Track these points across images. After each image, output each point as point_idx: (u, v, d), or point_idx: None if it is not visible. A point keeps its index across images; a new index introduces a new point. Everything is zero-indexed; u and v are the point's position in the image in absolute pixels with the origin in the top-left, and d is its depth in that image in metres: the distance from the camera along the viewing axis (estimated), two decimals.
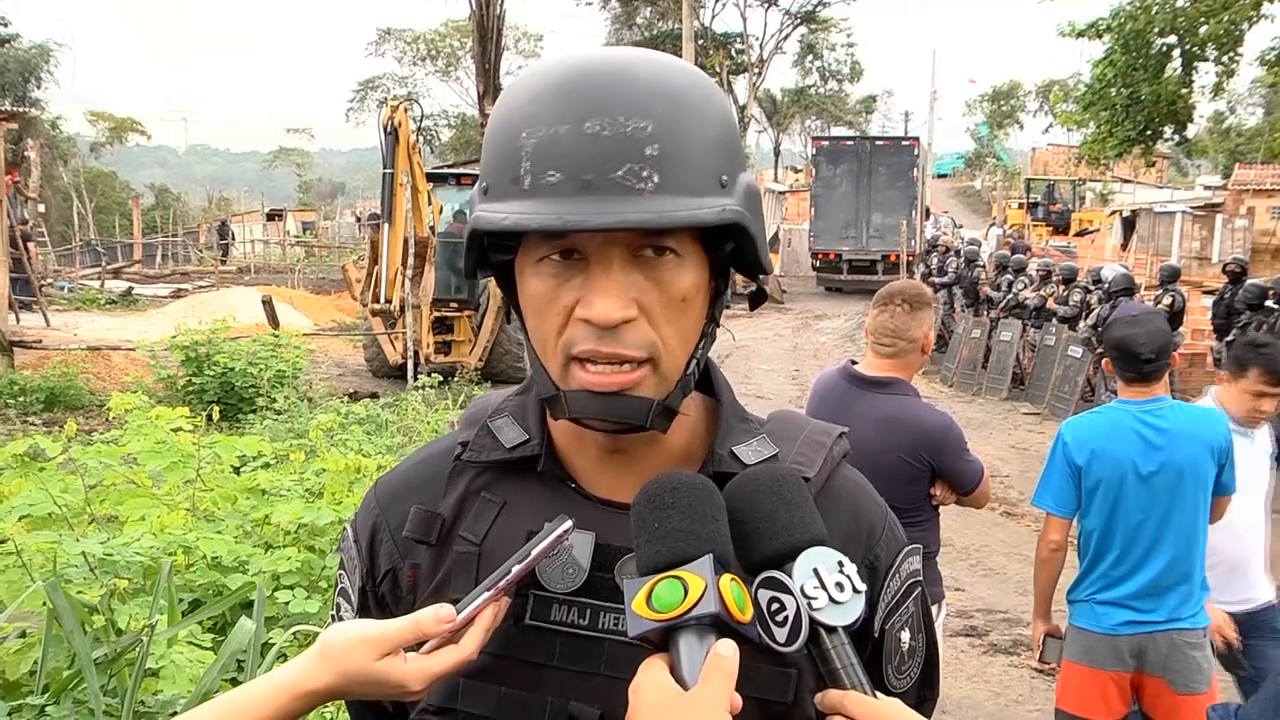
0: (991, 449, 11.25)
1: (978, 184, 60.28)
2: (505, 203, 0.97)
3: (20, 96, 38.03)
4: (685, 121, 0.98)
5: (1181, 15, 16.12)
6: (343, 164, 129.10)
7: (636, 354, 0.99)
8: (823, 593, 0.94)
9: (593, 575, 1.06)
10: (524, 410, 1.16)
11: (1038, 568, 3.67)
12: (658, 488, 0.95)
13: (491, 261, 1.07)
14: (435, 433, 8.64)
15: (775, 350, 18.93)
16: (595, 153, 0.94)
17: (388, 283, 13.11)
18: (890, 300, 3.58)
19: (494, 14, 25.69)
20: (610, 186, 0.94)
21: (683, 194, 0.96)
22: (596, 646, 1.05)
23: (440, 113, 55.44)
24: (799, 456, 1.12)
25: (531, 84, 1.01)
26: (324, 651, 0.99)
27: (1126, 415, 3.45)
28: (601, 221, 0.93)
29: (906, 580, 1.16)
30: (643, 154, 0.95)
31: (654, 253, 0.99)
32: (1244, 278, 12.24)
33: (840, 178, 25.73)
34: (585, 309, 0.98)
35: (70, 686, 2.58)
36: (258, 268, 33.00)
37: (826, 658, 0.96)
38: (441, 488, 1.14)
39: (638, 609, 0.90)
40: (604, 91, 0.96)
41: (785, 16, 48.36)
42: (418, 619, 0.98)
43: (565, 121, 0.95)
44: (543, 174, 0.95)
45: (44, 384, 11.79)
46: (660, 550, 0.92)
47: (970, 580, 7.33)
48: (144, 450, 3.90)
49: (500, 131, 1.00)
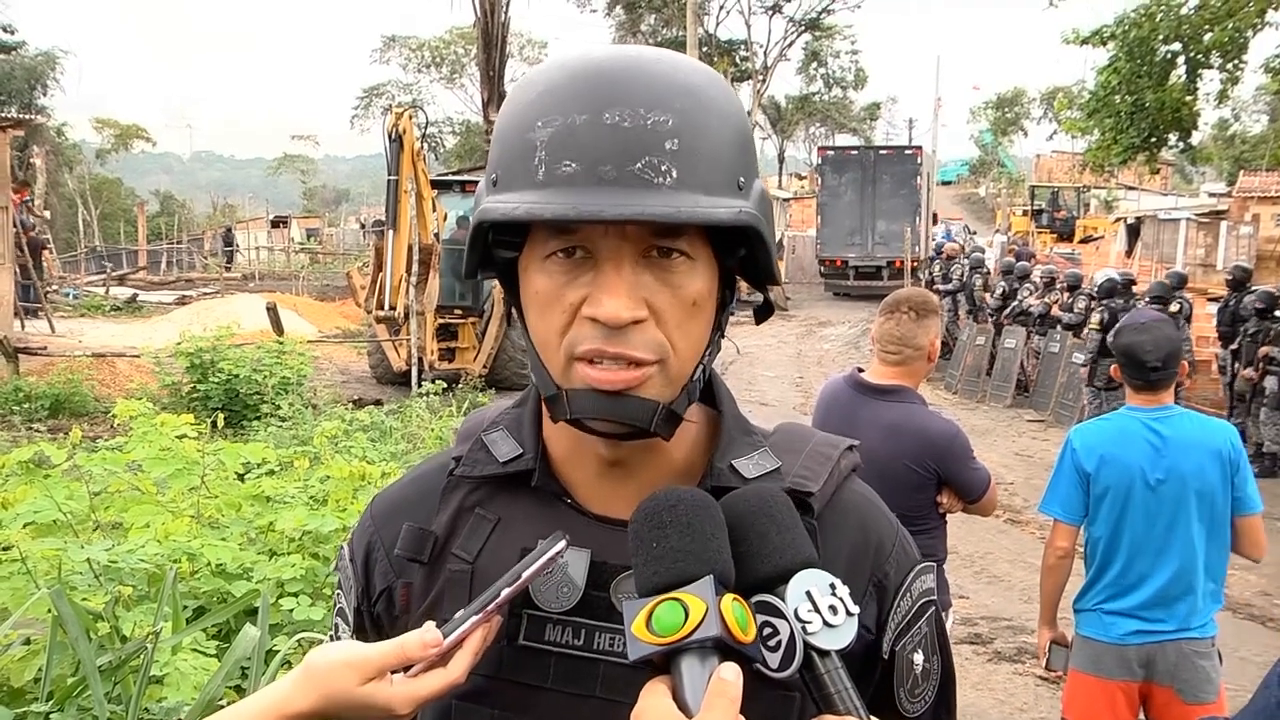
0: (996, 456, 11.23)
1: (982, 191, 60.26)
2: (516, 193, 0.94)
3: (26, 104, 38.13)
4: (705, 118, 0.95)
5: (1186, 22, 16.10)
6: (347, 171, 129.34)
7: (644, 355, 0.96)
8: (816, 616, 0.91)
9: (588, 594, 1.03)
10: (519, 424, 1.12)
11: (1044, 575, 3.66)
12: (655, 505, 0.92)
13: (495, 260, 1.03)
14: (439, 439, 8.65)
15: (779, 357, 18.92)
16: (614, 143, 0.91)
17: (392, 289, 13.14)
18: (896, 308, 3.57)
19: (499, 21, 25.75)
20: (628, 179, 0.91)
21: (700, 191, 0.93)
22: (592, 668, 1.02)
23: (445, 120, 55.58)
24: (803, 470, 1.08)
25: (546, 76, 0.98)
26: (307, 674, 0.97)
27: (1135, 422, 3.43)
28: (619, 213, 0.90)
29: (919, 600, 1.11)
30: (662, 147, 0.92)
31: (663, 254, 0.96)
32: (1246, 285, 12.19)
33: (846, 186, 26.11)
34: (593, 307, 0.95)
35: (75, 693, 2.58)
36: (262, 274, 33.05)
37: (820, 683, 0.93)
38: (435, 504, 1.11)
39: (637, 632, 0.87)
40: (624, 83, 0.94)
41: (789, 24, 48.34)
42: (403, 643, 0.96)
43: (584, 111, 0.92)
44: (558, 164, 0.92)
45: (49, 391, 11.82)
46: (659, 571, 0.89)
47: (975, 588, 7.31)
48: (148, 457, 3.90)
49: (512, 122, 0.97)
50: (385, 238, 13.25)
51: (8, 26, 38.71)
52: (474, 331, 14.81)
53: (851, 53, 55.73)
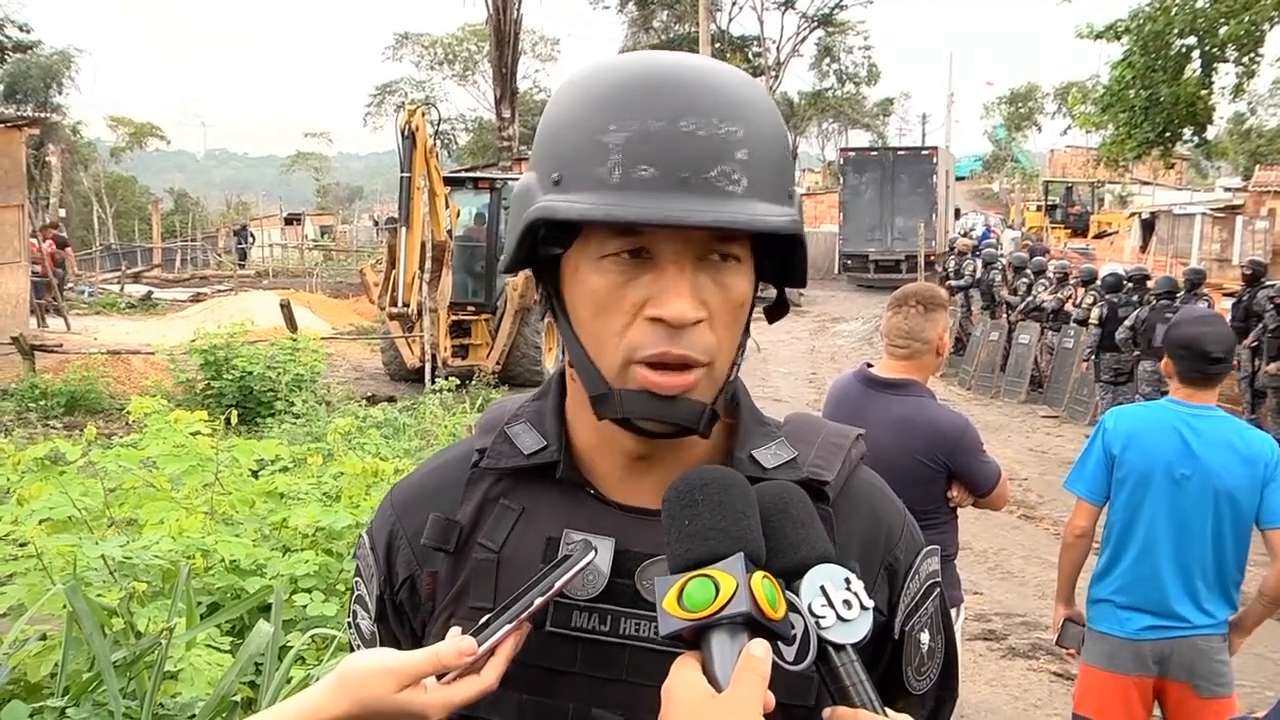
0: (1010, 452, 11.20)
1: (996, 186, 60.04)
2: (587, 194, 0.96)
3: (42, 102, 38.35)
4: (767, 130, 1.00)
5: (1201, 16, 16.01)
6: (360, 168, 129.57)
7: (701, 357, 0.99)
8: (830, 611, 0.93)
9: (613, 581, 1.05)
10: (541, 416, 1.14)
11: (1062, 551, 3.66)
12: (687, 484, 0.94)
13: (540, 256, 1.04)
14: (453, 436, 8.66)
15: (793, 353, 18.89)
16: (691, 151, 0.95)
17: (405, 286, 13.16)
18: (904, 302, 3.57)
19: (511, 18, 25.80)
20: (704, 185, 0.95)
21: (764, 200, 0.98)
22: (619, 653, 1.04)
23: (458, 117, 55.58)
24: (817, 459, 1.12)
25: (608, 79, 1.00)
26: (343, 681, 0.97)
27: (1173, 414, 3.39)
28: (700, 220, 0.93)
29: (926, 581, 1.16)
30: (734, 156, 0.96)
31: (720, 257, 1.00)
32: (1262, 280, 12.10)
33: (866, 185, 27.29)
34: (658, 308, 0.97)
35: (90, 689, 2.59)
36: (276, 272, 33.15)
37: (835, 676, 0.95)
38: (459, 494, 1.13)
39: (668, 607, 0.89)
40: (698, 93, 0.97)
41: (802, 19, 48.25)
42: (438, 650, 0.97)
43: (659, 118, 0.95)
44: (634, 168, 0.95)
45: (64, 388, 11.88)
46: (691, 548, 0.91)
47: (989, 584, 7.30)
48: (163, 454, 3.91)
49: (578, 122, 0.99)
50: (398, 234, 13.27)
51: (24, 25, 38.96)
52: (487, 328, 14.81)
53: (864, 48, 55.59)
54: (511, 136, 30.89)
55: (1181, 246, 27.00)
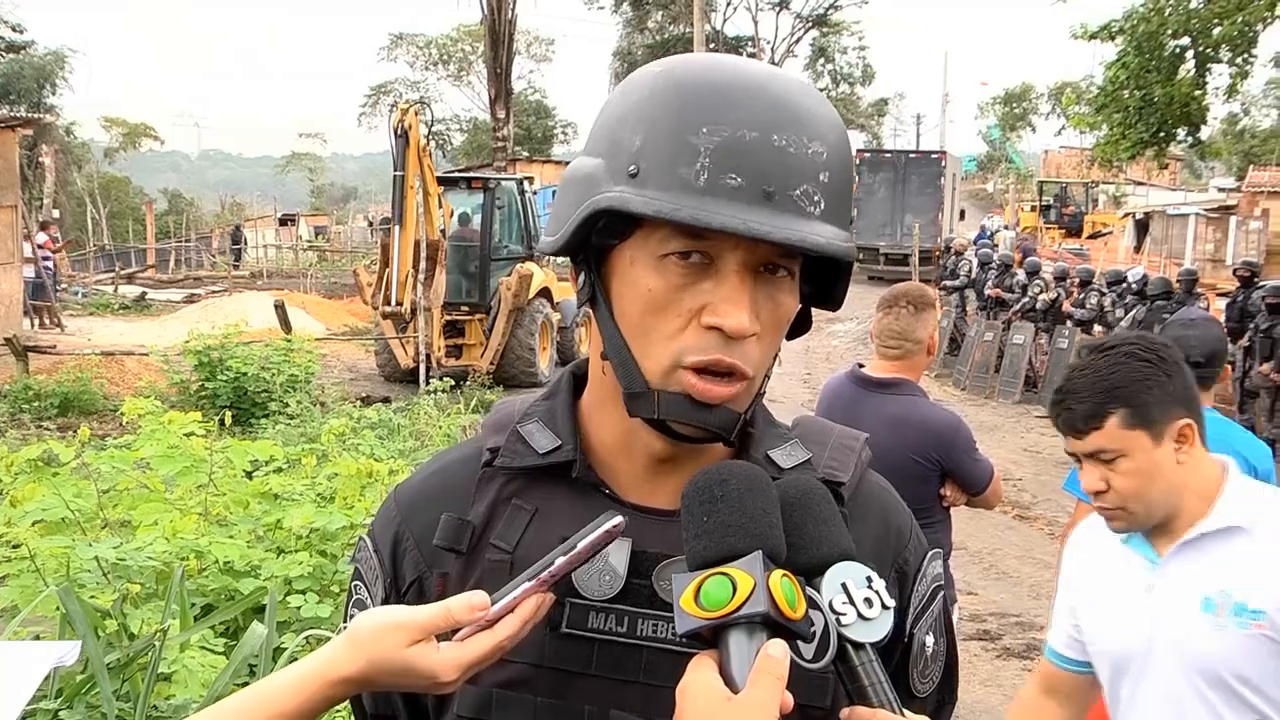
0: (1004, 452, 11.21)
1: (990, 187, 60.14)
2: (668, 193, 0.95)
3: (35, 103, 38.24)
4: (845, 156, 1.02)
5: (1195, 17, 16.03)
6: (355, 169, 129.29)
7: (748, 368, 1.00)
8: (851, 609, 0.92)
9: (630, 582, 1.04)
10: (553, 415, 1.13)
11: (1061, 551, 3.66)
12: (706, 480, 0.93)
13: (591, 244, 1.03)
14: (448, 437, 8.66)
15: (787, 353, 18.69)
16: (780, 166, 0.95)
17: (399, 285, 13.14)
18: (895, 303, 3.59)
19: (506, 19, 25.79)
20: (787, 202, 0.95)
21: (834, 224, 0.99)
22: (635, 654, 1.03)
23: (452, 117, 55.51)
24: (831, 461, 1.13)
25: (703, 78, 0.99)
26: (353, 637, 0.95)
27: None
28: (784, 236, 0.94)
29: (932, 584, 1.17)
30: (817, 178, 0.97)
31: (775, 271, 1.00)
32: (1255, 280, 12.12)
33: (879, 184, 28.51)
34: (717, 316, 0.97)
35: (83, 691, 2.59)
36: (270, 273, 33.08)
37: (854, 675, 0.94)
38: (469, 495, 1.11)
39: (686, 606, 0.88)
40: (791, 108, 0.97)
41: (797, 20, 48.40)
42: (449, 605, 0.95)
43: (754, 129, 0.95)
44: (723, 174, 0.95)
45: (58, 389, 11.85)
46: (709, 545, 0.89)
47: (983, 584, 7.31)
48: (157, 455, 3.91)
49: (665, 118, 0.98)
50: (392, 234, 13.25)
51: (17, 26, 38.87)
52: (481, 328, 14.78)
53: (859, 49, 55.77)
54: (506, 137, 30.86)
55: (1175, 247, 27.08)
